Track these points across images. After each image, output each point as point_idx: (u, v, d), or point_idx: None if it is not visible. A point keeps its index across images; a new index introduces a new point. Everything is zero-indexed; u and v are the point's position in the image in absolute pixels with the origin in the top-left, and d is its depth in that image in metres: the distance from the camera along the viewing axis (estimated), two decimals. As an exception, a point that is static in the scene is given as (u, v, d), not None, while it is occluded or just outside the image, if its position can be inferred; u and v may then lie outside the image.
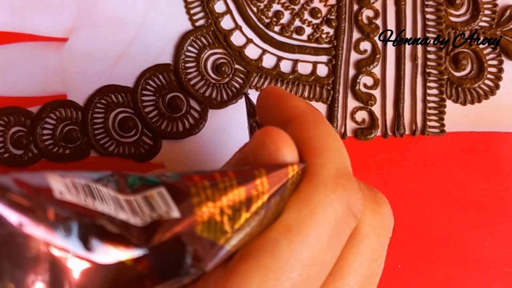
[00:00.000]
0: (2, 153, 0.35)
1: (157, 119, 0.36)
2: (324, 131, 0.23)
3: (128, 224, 0.18)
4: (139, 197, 0.19)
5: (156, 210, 0.19)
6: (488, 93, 0.37)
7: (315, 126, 0.23)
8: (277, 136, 0.22)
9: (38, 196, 0.17)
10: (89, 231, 0.17)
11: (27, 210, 0.16)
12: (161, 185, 0.20)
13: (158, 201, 0.19)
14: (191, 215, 0.19)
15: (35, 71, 0.35)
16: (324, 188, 0.21)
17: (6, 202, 0.16)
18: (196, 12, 0.36)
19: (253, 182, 0.20)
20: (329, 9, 0.36)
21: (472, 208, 0.37)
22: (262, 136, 0.22)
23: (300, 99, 0.26)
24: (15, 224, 0.16)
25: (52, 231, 0.16)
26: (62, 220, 0.17)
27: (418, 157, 0.37)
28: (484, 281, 0.37)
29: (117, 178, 0.19)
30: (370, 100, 0.36)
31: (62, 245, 0.17)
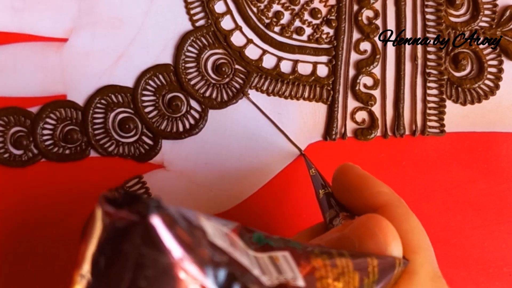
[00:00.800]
0: (2, 153, 0.35)
1: (157, 119, 0.36)
2: (417, 225, 0.24)
3: (261, 282, 0.18)
4: (266, 256, 0.19)
5: (283, 274, 0.19)
6: (488, 93, 0.37)
7: (408, 220, 0.24)
8: (386, 228, 0.22)
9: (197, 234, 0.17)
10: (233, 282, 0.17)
11: (188, 246, 0.16)
12: (286, 249, 0.20)
13: (283, 264, 0.19)
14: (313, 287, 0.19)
15: (35, 71, 0.35)
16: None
17: (174, 234, 0.16)
18: (196, 12, 0.36)
19: (366, 269, 0.21)
20: (329, 10, 0.36)
21: (472, 208, 0.37)
22: (371, 225, 0.22)
23: (384, 185, 0.26)
24: (176, 257, 0.16)
25: (204, 273, 0.16)
26: (214, 265, 0.17)
27: (418, 157, 0.37)
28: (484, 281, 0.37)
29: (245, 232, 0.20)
30: (370, 100, 0.36)
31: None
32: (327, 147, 0.36)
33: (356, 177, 0.27)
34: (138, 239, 0.16)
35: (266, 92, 0.36)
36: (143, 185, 0.36)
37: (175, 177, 0.36)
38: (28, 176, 0.35)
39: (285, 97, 0.36)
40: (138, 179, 0.36)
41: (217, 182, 0.36)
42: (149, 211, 0.16)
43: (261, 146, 0.36)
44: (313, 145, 0.36)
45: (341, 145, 0.36)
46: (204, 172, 0.36)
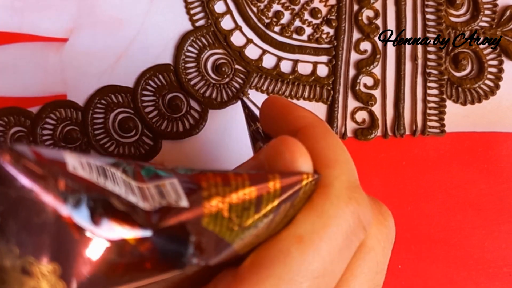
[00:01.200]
0: (2, 153, 0.35)
1: (157, 119, 0.36)
2: (334, 142, 0.24)
3: (136, 206, 0.18)
4: (152, 185, 0.19)
5: (166, 198, 0.19)
6: (488, 93, 0.37)
7: (325, 137, 0.24)
8: (293, 145, 0.22)
9: (52, 166, 0.17)
10: (97, 206, 0.17)
11: (39, 177, 0.17)
12: (174, 177, 0.20)
13: (169, 190, 0.19)
14: (199, 206, 0.19)
15: (35, 71, 0.35)
16: (338, 201, 0.22)
17: (20, 167, 0.16)
18: (196, 12, 0.36)
19: (265, 184, 0.21)
20: (329, 9, 0.36)
21: (472, 208, 0.37)
22: (279, 145, 0.22)
23: (306, 110, 0.26)
24: (27, 188, 0.16)
25: (61, 200, 0.17)
26: (72, 192, 0.17)
27: (418, 157, 0.37)
28: (484, 281, 0.37)
29: (134, 167, 0.20)
30: (370, 100, 0.36)
31: (69, 215, 0.17)
32: (327, 147, 0.36)
33: (279, 106, 0.27)
34: None
35: (266, 92, 0.36)
36: (143, 185, 0.36)
37: (175, 177, 0.36)
38: None
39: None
40: (138, 179, 0.36)
41: (217, 182, 0.36)
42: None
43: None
44: (313, 145, 0.36)
45: (341, 145, 0.36)
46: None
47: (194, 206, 0.19)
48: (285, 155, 0.22)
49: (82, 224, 0.17)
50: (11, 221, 0.16)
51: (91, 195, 0.17)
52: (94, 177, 0.18)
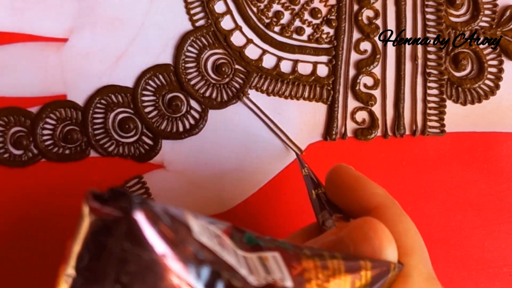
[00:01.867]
0: (2, 153, 0.35)
1: (157, 119, 0.36)
2: (410, 227, 0.24)
3: (247, 282, 0.18)
4: (255, 256, 0.19)
5: (271, 274, 0.19)
6: (488, 93, 0.37)
7: (401, 221, 0.24)
8: (382, 232, 0.22)
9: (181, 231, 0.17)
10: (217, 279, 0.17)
11: (172, 243, 0.16)
12: (276, 250, 0.20)
13: (272, 265, 0.19)
14: None
15: (35, 71, 0.35)
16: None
17: (158, 230, 0.16)
18: (196, 13, 0.36)
19: (358, 272, 0.21)
20: (329, 9, 0.36)
21: (472, 208, 0.37)
22: (366, 228, 0.22)
23: (378, 186, 0.26)
24: (159, 253, 0.16)
25: (187, 270, 0.16)
26: (197, 262, 0.17)
27: (418, 157, 0.37)
28: (484, 281, 0.37)
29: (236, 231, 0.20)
30: (370, 100, 0.36)
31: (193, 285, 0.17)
32: (327, 147, 0.36)
33: (349, 177, 0.27)
34: (121, 234, 0.16)
35: (266, 92, 0.36)
36: (143, 185, 0.36)
37: (175, 177, 0.36)
38: (28, 176, 0.35)
39: (285, 97, 0.36)
40: (138, 179, 0.36)
41: (217, 182, 0.36)
42: (133, 207, 0.16)
43: (261, 146, 0.36)
44: (313, 145, 0.36)
45: (341, 145, 0.36)
46: (204, 172, 0.36)
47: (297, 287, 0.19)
48: (373, 241, 0.22)
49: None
50: (138, 283, 0.16)
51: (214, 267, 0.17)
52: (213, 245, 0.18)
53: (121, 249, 0.16)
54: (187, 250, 0.17)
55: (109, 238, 0.16)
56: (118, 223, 0.16)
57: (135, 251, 0.16)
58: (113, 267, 0.16)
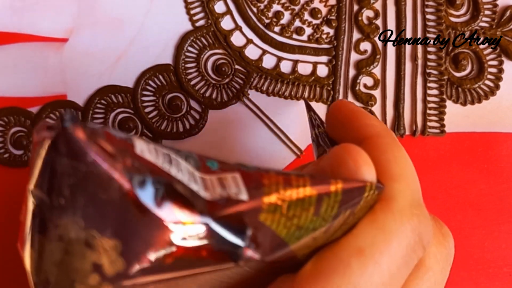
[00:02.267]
0: (2, 153, 0.35)
1: (157, 120, 0.36)
2: (401, 155, 0.24)
3: (197, 193, 0.18)
4: (214, 177, 0.20)
5: (227, 189, 0.19)
6: (488, 94, 0.37)
7: (392, 149, 0.24)
8: (357, 154, 0.22)
9: (120, 147, 0.18)
10: (160, 188, 0.18)
11: (109, 155, 0.17)
12: (237, 171, 0.20)
13: (230, 183, 0.20)
14: (258, 200, 0.19)
15: (35, 71, 0.35)
16: (400, 216, 0.22)
17: (92, 143, 0.17)
18: (196, 13, 0.36)
19: (327, 188, 0.21)
20: (329, 10, 0.36)
21: (472, 208, 0.37)
22: (342, 152, 0.22)
23: (375, 118, 0.26)
24: (96, 164, 0.17)
25: (127, 179, 0.17)
26: (138, 172, 0.17)
27: (418, 157, 0.37)
28: (484, 281, 0.37)
29: (198, 158, 0.20)
30: (370, 101, 0.36)
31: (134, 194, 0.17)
32: (327, 147, 0.36)
33: (347, 111, 0.26)
34: (60, 150, 0.17)
35: (266, 92, 0.36)
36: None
37: (175, 177, 0.36)
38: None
39: (285, 97, 0.36)
40: (138, 179, 0.36)
41: (217, 182, 0.36)
42: (64, 122, 0.17)
43: (261, 146, 0.36)
44: (313, 145, 0.36)
45: (341, 145, 0.36)
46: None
47: (253, 200, 0.19)
48: (348, 163, 0.22)
49: (146, 204, 0.17)
50: (79, 194, 0.17)
51: (156, 177, 0.18)
52: (159, 162, 0.18)
53: (62, 164, 0.17)
54: (126, 162, 0.17)
55: (53, 156, 0.17)
56: (57, 140, 0.17)
57: (72, 164, 0.17)
58: (57, 182, 0.17)
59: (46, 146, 0.17)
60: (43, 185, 0.17)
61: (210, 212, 0.18)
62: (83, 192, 0.17)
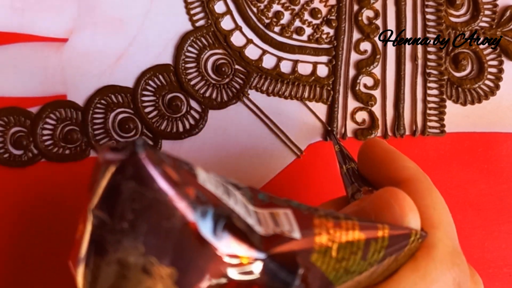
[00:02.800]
0: (2, 153, 0.35)
1: (157, 120, 0.36)
2: (439, 201, 0.24)
3: (253, 228, 0.19)
4: (267, 212, 0.20)
5: (280, 226, 0.19)
6: (488, 94, 0.37)
7: (430, 195, 0.24)
8: (403, 200, 0.22)
9: (185, 175, 0.18)
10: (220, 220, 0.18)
11: (175, 183, 0.17)
12: (288, 208, 0.20)
13: (283, 219, 0.20)
14: (310, 240, 0.20)
15: (35, 71, 0.35)
16: (441, 265, 0.22)
17: (160, 170, 0.17)
18: (196, 13, 0.36)
19: (375, 233, 0.21)
20: (329, 10, 0.36)
21: (472, 208, 0.37)
22: (388, 196, 0.22)
23: (409, 160, 0.26)
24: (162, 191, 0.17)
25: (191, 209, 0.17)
26: (200, 203, 0.17)
27: (418, 157, 0.37)
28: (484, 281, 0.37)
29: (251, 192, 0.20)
30: (370, 101, 0.36)
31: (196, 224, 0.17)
32: (327, 147, 0.36)
33: (381, 151, 0.27)
34: (128, 175, 0.17)
35: (266, 92, 0.36)
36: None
37: (175, 177, 0.36)
38: (28, 176, 0.35)
39: (285, 97, 0.36)
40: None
41: (217, 182, 0.36)
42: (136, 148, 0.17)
43: (261, 146, 0.36)
44: (313, 145, 0.36)
45: (341, 145, 0.36)
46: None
47: (305, 239, 0.19)
48: (394, 208, 0.22)
49: (205, 235, 0.17)
50: (142, 220, 0.17)
51: (217, 209, 0.18)
52: (219, 193, 0.19)
53: (127, 188, 0.17)
54: (190, 191, 0.17)
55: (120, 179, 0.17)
56: (125, 164, 0.17)
57: (139, 189, 0.17)
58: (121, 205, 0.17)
59: (112, 168, 0.17)
60: (106, 206, 0.17)
61: (265, 248, 0.19)
62: (147, 218, 0.17)
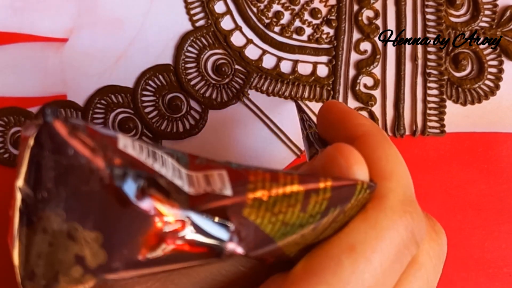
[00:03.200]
0: (2, 153, 0.35)
1: (157, 120, 0.36)
2: (392, 153, 0.23)
3: (180, 188, 0.18)
4: (201, 174, 0.20)
5: (211, 185, 0.19)
6: (488, 94, 0.37)
7: (383, 147, 0.23)
8: (349, 153, 0.22)
9: (103, 141, 0.18)
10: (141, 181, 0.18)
11: (90, 148, 0.17)
12: (224, 169, 0.20)
13: (216, 179, 0.20)
14: (242, 195, 0.19)
15: (35, 71, 0.35)
16: (392, 213, 0.21)
17: (74, 137, 0.17)
18: (196, 13, 0.36)
19: (315, 185, 0.20)
20: (329, 10, 0.36)
21: (472, 208, 0.37)
22: (334, 152, 0.22)
23: (365, 118, 0.26)
24: (77, 157, 0.17)
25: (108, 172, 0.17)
26: (119, 165, 0.17)
27: (418, 157, 0.37)
28: (484, 281, 0.37)
29: (188, 157, 0.20)
30: (370, 101, 0.36)
31: (115, 186, 0.17)
32: (327, 147, 0.36)
33: (338, 111, 0.26)
34: (43, 144, 0.17)
35: (266, 92, 0.36)
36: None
37: (175, 177, 0.36)
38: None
39: (285, 97, 0.36)
40: (138, 179, 0.36)
41: (217, 182, 0.36)
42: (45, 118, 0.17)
43: (261, 146, 0.36)
44: (313, 145, 0.36)
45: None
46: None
47: (237, 195, 0.19)
48: (340, 162, 0.21)
49: (127, 196, 0.17)
50: (61, 187, 0.17)
51: (137, 171, 0.18)
52: (142, 157, 0.18)
53: (44, 157, 0.17)
54: (107, 155, 0.17)
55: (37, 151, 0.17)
56: (39, 135, 0.17)
57: (54, 157, 0.17)
58: (41, 175, 0.17)
59: (31, 142, 0.17)
60: (30, 180, 0.18)
61: (191, 206, 0.18)
62: (65, 185, 0.17)
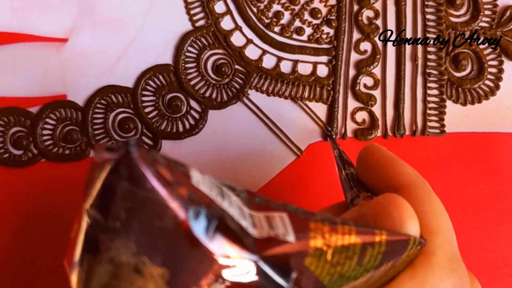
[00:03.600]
0: (2, 153, 0.35)
1: (157, 120, 0.36)
2: (438, 207, 0.24)
3: (246, 230, 0.19)
4: (262, 215, 0.20)
5: (275, 229, 0.19)
6: (488, 94, 0.37)
7: (429, 201, 0.24)
8: (402, 206, 0.22)
9: (178, 176, 0.18)
10: (213, 221, 0.18)
11: (168, 183, 0.17)
12: (285, 211, 0.20)
13: (278, 223, 0.20)
14: (305, 244, 0.19)
15: (35, 71, 0.35)
16: (439, 272, 0.22)
17: (153, 170, 0.17)
18: (196, 13, 0.36)
19: (372, 238, 0.21)
20: (329, 10, 0.36)
21: (472, 208, 0.37)
22: (387, 203, 0.22)
23: (408, 166, 0.26)
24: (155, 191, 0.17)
25: (183, 209, 0.17)
26: (193, 204, 0.17)
27: (418, 157, 0.37)
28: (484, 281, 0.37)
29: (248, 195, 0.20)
30: (370, 101, 0.36)
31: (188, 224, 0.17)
32: (327, 147, 0.36)
33: (380, 156, 0.27)
34: (121, 174, 0.17)
35: (266, 92, 0.36)
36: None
37: (175, 177, 0.36)
38: (28, 176, 0.35)
39: (285, 97, 0.36)
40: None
41: (217, 182, 0.36)
42: (129, 148, 0.17)
43: (261, 146, 0.36)
44: (313, 145, 0.36)
45: (341, 145, 0.36)
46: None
47: (300, 242, 0.19)
48: (393, 215, 0.22)
49: (197, 235, 0.17)
50: (134, 219, 0.17)
51: (210, 210, 0.18)
52: (213, 194, 0.18)
53: (121, 187, 0.17)
54: (182, 192, 0.17)
55: (113, 179, 0.17)
56: (119, 164, 0.17)
57: (132, 188, 0.17)
58: (114, 204, 0.17)
59: (107, 168, 0.17)
60: (100, 206, 0.17)
61: (258, 250, 0.18)
62: (139, 218, 0.17)
